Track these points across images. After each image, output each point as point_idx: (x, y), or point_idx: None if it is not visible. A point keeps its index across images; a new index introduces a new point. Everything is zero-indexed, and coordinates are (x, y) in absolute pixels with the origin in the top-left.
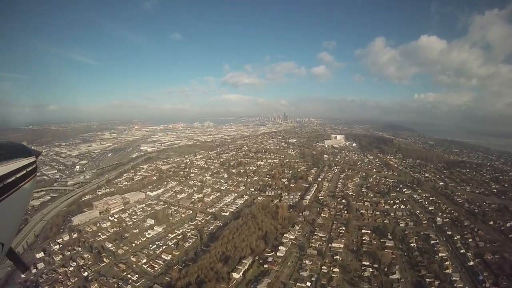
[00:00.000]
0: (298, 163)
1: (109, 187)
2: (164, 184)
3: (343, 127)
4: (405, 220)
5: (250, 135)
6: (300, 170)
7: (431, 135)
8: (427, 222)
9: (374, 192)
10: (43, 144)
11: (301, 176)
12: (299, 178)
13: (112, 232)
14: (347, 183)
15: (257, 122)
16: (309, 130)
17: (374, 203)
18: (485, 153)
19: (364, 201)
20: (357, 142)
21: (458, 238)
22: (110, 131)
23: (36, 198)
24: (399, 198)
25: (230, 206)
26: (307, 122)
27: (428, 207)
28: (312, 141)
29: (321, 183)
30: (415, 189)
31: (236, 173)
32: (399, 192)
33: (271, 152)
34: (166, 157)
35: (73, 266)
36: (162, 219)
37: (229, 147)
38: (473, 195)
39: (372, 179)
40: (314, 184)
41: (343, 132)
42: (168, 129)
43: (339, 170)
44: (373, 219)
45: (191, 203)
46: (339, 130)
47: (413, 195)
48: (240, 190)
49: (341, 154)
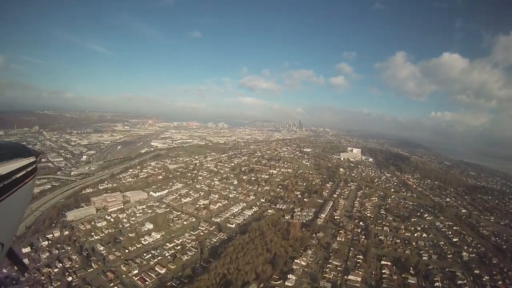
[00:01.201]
0: (313, 175)
1: (112, 182)
2: (169, 185)
3: (358, 140)
4: (428, 252)
5: (264, 141)
6: (314, 183)
7: (447, 155)
8: (452, 256)
9: (393, 216)
10: (55, 130)
11: (315, 190)
12: (314, 192)
13: (106, 234)
14: (364, 203)
15: (272, 127)
16: (324, 140)
17: (394, 229)
18: (504, 179)
19: (383, 225)
20: (373, 157)
21: (487, 279)
22: (123, 123)
23: (36, 186)
24: (420, 225)
25: (237, 217)
26: (322, 132)
27: (452, 238)
28: (327, 152)
29: (337, 200)
30: (437, 216)
31: (246, 180)
32: (420, 218)
33: (285, 160)
34: (175, 156)
35: (58, 268)
36: (162, 224)
37: (242, 151)
38: (498, 227)
39: (390, 200)
40: (330, 200)
41: (358, 145)
42: (182, 126)
43: (356, 186)
44: (393, 247)
45: (195, 210)
46: (354, 142)
47: (435, 222)
48: (249, 199)
49: (357, 169)
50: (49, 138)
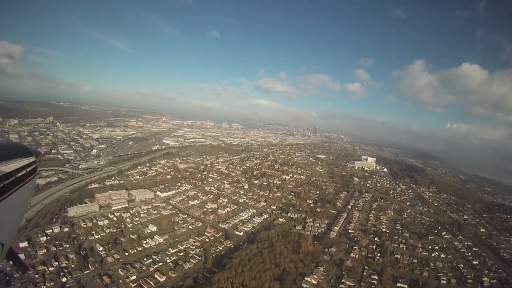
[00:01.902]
0: (326, 183)
1: (119, 178)
2: (178, 186)
3: (371, 148)
4: (446, 274)
5: (277, 144)
6: (328, 192)
7: (461, 168)
8: (473, 281)
9: (410, 232)
10: (69, 122)
11: (329, 199)
12: (327, 201)
13: (107, 233)
14: (379, 216)
15: (286, 131)
16: (338, 147)
17: (411, 247)
18: None
19: (399, 242)
20: (388, 167)
21: None
22: (137, 119)
23: (43, 177)
24: (438, 244)
25: (246, 225)
26: (336, 138)
27: (472, 261)
28: (341, 160)
29: (351, 212)
30: (455, 234)
31: (258, 185)
32: (437, 236)
33: (298, 166)
34: (186, 155)
35: (54, 266)
36: (166, 227)
37: (255, 154)
38: None
39: (406, 214)
40: (343, 212)
41: (372, 154)
42: (195, 125)
43: (371, 198)
44: (410, 268)
45: (202, 213)
46: (368, 151)
47: (453, 242)
48: (260, 206)
49: (372, 179)
50: (61, 130)
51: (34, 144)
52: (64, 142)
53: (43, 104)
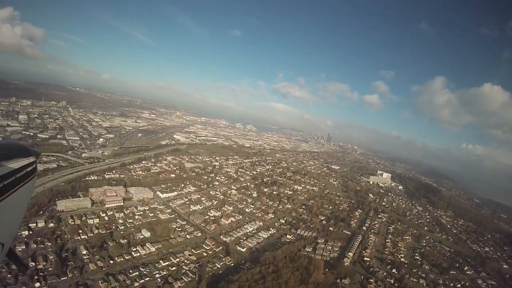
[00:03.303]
0: (340, 197)
1: (120, 172)
2: (181, 187)
3: (385, 163)
4: None
5: (290, 150)
6: (342, 208)
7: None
8: None
9: (430, 264)
10: (81, 108)
11: (342, 217)
12: (340, 220)
13: (94, 234)
14: (397, 242)
15: (300, 137)
16: (352, 158)
17: (432, 283)
18: None
19: (419, 276)
20: (403, 184)
21: None
22: (151, 111)
23: (42, 162)
24: (460, 281)
25: (250, 239)
26: (350, 149)
27: None
28: (355, 173)
29: (367, 235)
30: (478, 271)
31: (267, 194)
32: (459, 271)
33: (311, 176)
34: (195, 153)
35: (30, 268)
36: (161, 234)
37: (267, 159)
38: None
39: (425, 241)
40: (359, 234)
41: (386, 169)
42: (209, 123)
43: (387, 219)
44: None
45: (203, 222)
46: (382, 165)
47: (477, 280)
48: (267, 218)
49: (387, 196)
50: (72, 115)
51: (41, 127)
52: (72, 128)
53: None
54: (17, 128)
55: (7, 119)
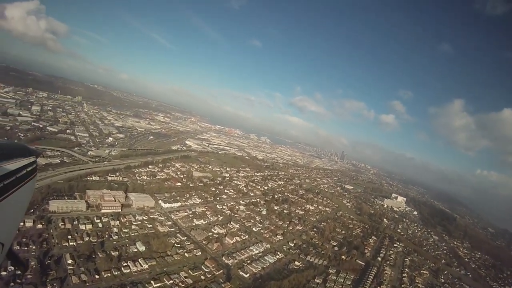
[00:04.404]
0: (353, 221)
1: (124, 175)
2: (185, 198)
3: (398, 184)
4: None
5: (303, 166)
6: (355, 233)
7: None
8: None
9: None
10: (96, 105)
11: (356, 244)
12: (354, 247)
13: (84, 242)
14: (414, 277)
15: (313, 153)
16: (366, 178)
17: None
18: None
19: None
20: (417, 209)
21: None
22: (165, 115)
23: (46, 157)
24: None
25: (255, 263)
26: (363, 168)
27: None
28: (369, 194)
29: (382, 267)
30: None
31: (277, 212)
32: None
33: (324, 196)
34: (205, 162)
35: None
36: (158, 249)
37: (279, 173)
38: None
39: (443, 277)
40: (373, 266)
41: (400, 191)
42: (223, 131)
43: (403, 249)
44: None
45: (205, 239)
46: (395, 186)
47: None
48: (275, 240)
49: (402, 223)
50: (86, 111)
51: (52, 120)
52: (83, 124)
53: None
54: (28, 119)
55: (20, 109)
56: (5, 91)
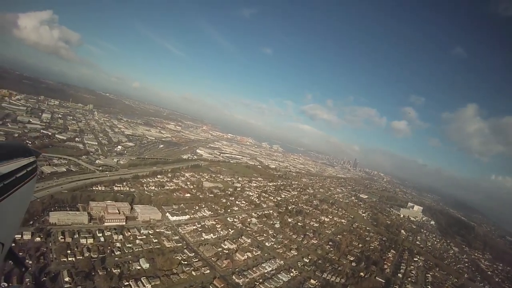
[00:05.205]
0: (370, 233)
1: (132, 185)
2: (195, 210)
3: (411, 192)
4: None
5: (316, 174)
6: (373, 247)
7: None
8: None
9: None
10: (107, 113)
11: (374, 259)
12: (372, 262)
13: (84, 258)
14: None
15: (326, 161)
16: (379, 187)
17: None
18: None
19: None
20: (434, 219)
21: None
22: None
23: (52, 165)
24: None
25: (267, 282)
26: (376, 175)
27: None
28: (384, 203)
29: (404, 285)
30: None
31: (291, 225)
32: None
33: (339, 206)
34: (216, 172)
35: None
36: (163, 267)
37: (292, 183)
38: None
39: None
40: (395, 284)
41: (414, 200)
42: (235, 140)
43: (424, 263)
44: None
45: (215, 255)
46: (409, 194)
47: None
48: (289, 256)
49: (420, 234)
50: (96, 119)
51: (62, 128)
52: (92, 132)
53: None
54: (37, 126)
55: (30, 116)
56: (16, 99)
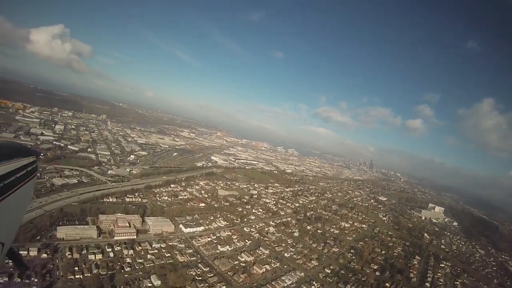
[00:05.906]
0: (392, 238)
1: (144, 195)
2: (209, 220)
3: (430, 191)
4: None
5: (333, 177)
6: (396, 253)
7: None
8: None
9: None
10: (121, 122)
11: (399, 267)
12: (397, 271)
13: (92, 276)
14: None
15: (342, 163)
16: (397, 187)
17: None
18: None
19: None
20: (456, 219)
21: None
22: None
23: (64, 176)
24: None
25: None
26: (393, 176)
27: None
28: (404, 205)
29: None
30: None
31: (311, 233)
32: None
33: (359, 210)
34: (232, 179)
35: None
36: (175, 284)
37: (310, 188)
38: None
39: None
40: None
41: (434, 200)
42: (250, 145)
43: (451, 269)
44: None
45: (231, 269)
46: (428, 194)
47: None
48: (310, 267)
49: (444, 237)
50: (109, 129)
51: (74, 139)
52: (105, 142)
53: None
54: (50, 138)
55: (43, 128)
56: (30, 111)
